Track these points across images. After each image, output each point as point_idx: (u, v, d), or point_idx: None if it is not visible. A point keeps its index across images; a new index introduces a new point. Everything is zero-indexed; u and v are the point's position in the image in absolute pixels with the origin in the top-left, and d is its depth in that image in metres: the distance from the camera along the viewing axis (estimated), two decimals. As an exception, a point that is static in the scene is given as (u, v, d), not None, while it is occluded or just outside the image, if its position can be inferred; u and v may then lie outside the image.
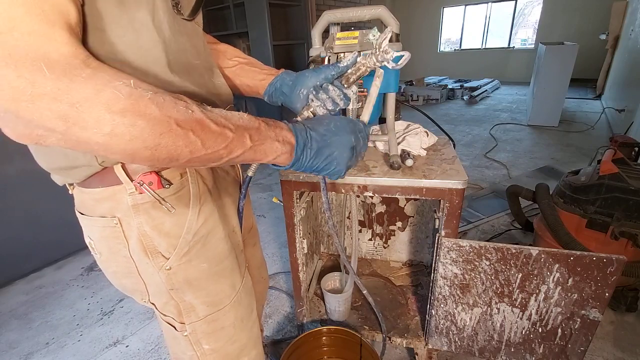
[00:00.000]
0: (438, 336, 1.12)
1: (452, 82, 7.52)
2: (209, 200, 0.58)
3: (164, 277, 0.56)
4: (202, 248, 0.57)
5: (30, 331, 1.62)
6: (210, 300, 0.61)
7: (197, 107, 0.41)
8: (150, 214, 0.52)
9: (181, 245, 0.55)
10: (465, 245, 0.94)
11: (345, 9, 0.97)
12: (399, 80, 1.05)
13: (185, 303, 0.59)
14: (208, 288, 0.60)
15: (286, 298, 1.72)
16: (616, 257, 0.83)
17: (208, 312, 0.61)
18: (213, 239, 0.59)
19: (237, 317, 0.66)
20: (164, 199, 0.52)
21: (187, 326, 0.61)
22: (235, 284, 0.64)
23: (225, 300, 0.62)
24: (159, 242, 0.53)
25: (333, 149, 0.53)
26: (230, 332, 0.65)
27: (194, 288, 0.58)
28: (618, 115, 3.92)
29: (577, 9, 7.16)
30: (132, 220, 0.52)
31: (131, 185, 0.50)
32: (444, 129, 1.28)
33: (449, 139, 1.24)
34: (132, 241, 0.54)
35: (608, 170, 1.39)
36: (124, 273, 0.58)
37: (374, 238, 1.62)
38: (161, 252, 0.54)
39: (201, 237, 0.57)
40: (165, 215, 0.53)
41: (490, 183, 2.83)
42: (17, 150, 1.79)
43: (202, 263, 0.58)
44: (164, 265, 0.55)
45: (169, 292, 0.58)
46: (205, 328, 0.62)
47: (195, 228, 0.56)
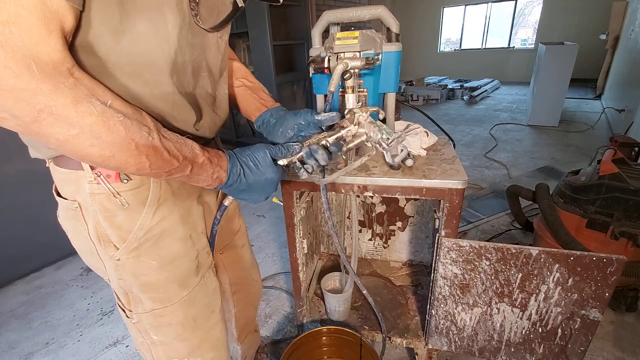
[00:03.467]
0: (438, 336, 1.12)
1: (452, 82, 7.52)
2: (169, 200, 0.59)
3: (113, 266, 0.58)
4: (153, 246, 0.58)
5: (30, 331, 1.62)
6: (157, 297, 0.62)
7: (157, 135, 0.46)
8: (104, 204, 0.53)
9: (131, 240, 0.56)
10: (465, 245, 0.94)
11: (345, 9, 0.97)
12: (398, 80, 1.05)
13: (133, 294, 0.61)
14: (155, 285, 0.61)
15: (286, 298, 1.72)
16: (616, 257, 0.83)
17: (154, 307, 0.62)
18: (168, 239, 0.60)
19: (187, 317, 0.66)
20: (119, 193, 0.53)
21: (134, 315, 0.63)
22: (188, 283, 0.65)
23: (173, 298, 0.63)
24: (111, 232, 0.55)
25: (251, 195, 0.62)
26: (178, 329, 0.66)
27: (141, 283, 0.60)
28: (618, 115, 3.92)
29: (577, 9, 7.16)
30: (89, 207, 0.54)
31: (91, 173, 0.52)
32: (444, 129, 1.28)
33: (449, 139, 1.24)
34: (90, 226, 0.56)
35: (608, 170, 1.39)
36: (86, 252, 0.60)
37: (374, 238, 1.62)
38: (113, 242, 0.56)
39: (154, 235, 0.58)
40: (118, 208, 0.54)
41: (490, 183, 2.83)
42: (17, 151, 1.79)
43: (151, 260, 0.59)
44: (113, 255, 0.57)
45: (118, 282, 0.60)
46: (152, 321, 0.64)
47: (148, 226, 0.57)
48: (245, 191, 0.61)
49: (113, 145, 0.41)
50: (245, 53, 4.10)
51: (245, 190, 0.61)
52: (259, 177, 0.60)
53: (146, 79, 0.49)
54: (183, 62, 0.53)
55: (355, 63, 0.79)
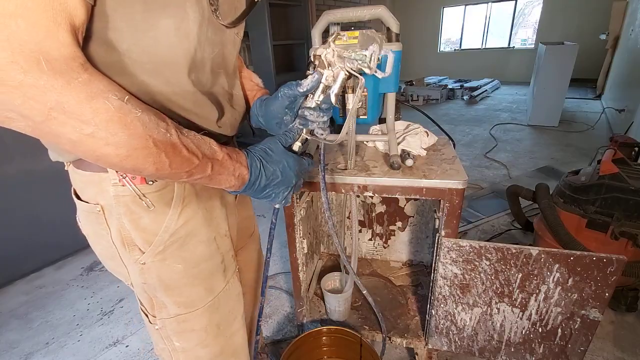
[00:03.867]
0: (438, 336, 1.12)
1: (452, 82, 7.52)
2: (193, 202, 0.58)
3: (138, 270, 0.57)
4: (179, 249, 0.57)
5: (30, 331, 1.62)
6: (181, 301, 0.60)
7: (175, 131, 0.44)
8: (130, 207, 0.52)
9: (156, 243, 0.55)
10: (465, 245, 0.94)
11: (345, 9, 0.97)
12: (398, 80, 1.05)
13: (157, 299, 0.60)
14: (181, 289, 0.59)
15: (286, 298, 1.72)
16: (616, 257, 0.83)
17: (179, 312, 0.61)
18: (192, 241, 0.59)
19: (211, 322, 0.64)
20: (145, 194, 0.52)
21: (158, 320, 0.62)
22: (214, 288, 0.63)
23: (198, 303, 0.62)
24: (136, 235, 0.54)
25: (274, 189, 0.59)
26: (202, 335, 0.64)
27: (166, 287, 0.58)
28: (618, 115, 3.92)
29: (577, 9, 7.16)
30: (113, 210, 0.52)
31: (115, 175, 0.51)
32: (444, 129, 1.28)
33: (449, 139, 1.24)
34: (113, 230, 0.54)
35: (608, 170, 1.39)
36: (107, 256, 0.59)
37: (374, 238, 1.62)
38: (138, 246, 0.55)
39: (179, 237, 0.57)
40: (143, 210, 0.53)
41: (490, 183, 2.83)
42: (17, 151, 1.79)
43: (177, 264, 0.57)
44: (139, 259, 0.55)
45: (143, 286, 0.59)
46: (175, 327, 0.62)
47: (173, 228, 0.55)
48: (267, 187, 0.58)
49: (130, 143, 0.39)
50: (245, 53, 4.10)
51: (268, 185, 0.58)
52: (277, 166, 0.57)
53: (167, 76, 0.48)
54: (202, 59, 0.52)
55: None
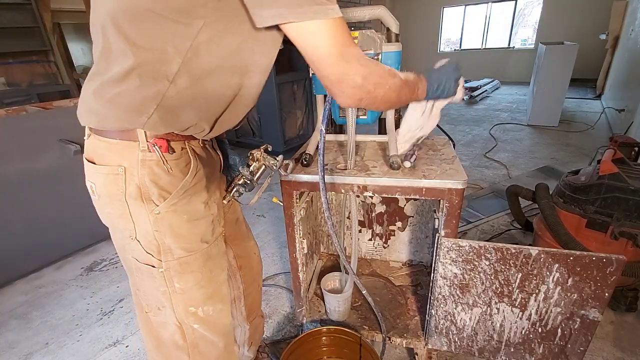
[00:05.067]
0: (438, 336, 1.12)
1: (452, 82, 7.50)
2: (201, 170, 0.73)
3: (152, 219, 0.68)
4: (187, 203, 0.71)
5: (29, 331, 1.62)
6: (184, 246, 0.73)
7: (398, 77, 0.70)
8: (153, 169, 0.65)
9: (173, 197, 0.68)
10: (465, 245, 0.94)
11: (345, 9, 0.97)
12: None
13: (165, 245, 0.71)
14: (185, 235, 0.72)
15: (286, 298, 1.72)
16: (616, 257, 0.83)
17: (181, 255, 0.73)
18: (196, 199, 0.73)
19: (205, 266, 0.78)
20: (167, 160, 0.66)
21: (164, 263, 0.72)
22: (206, 239, 0.77)
23: (196, 248, 0.75)
24: (153, 191, 0.66)
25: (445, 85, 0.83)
26: (198, 277, 0.77)
27: (174, 233, 0.71)
28: (618, 115, 3.92)
29: (577, 9, 7.16)
30: (136, 171, 0.65)
31: (145, 144, 0.64)
32: (444, 129, 1.28)
33: (449, 139, 1.24)
34: (131, 188, 0.65)
35: (608, 170, 1.39)
36: (117, 214, 0.69)
37: (373, 238, 1.62)
38: (153, 200, 0.67)
39: (189, 194, 0.70)
40: (163, 172, 0.66)
41: (490, 183, 2.83)
42: (17, 151, 1.79)
43: (184, 214, 0.71)
44: (154, 210, 0.67)
45: (154, 233, 0.70)
46: (178, 268, 0.74)
47: (187, 186, 0.69)
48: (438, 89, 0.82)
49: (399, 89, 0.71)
50: (245, 53, 4.10)
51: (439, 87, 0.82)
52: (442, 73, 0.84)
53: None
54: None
55: None
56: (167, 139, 0.66)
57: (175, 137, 0.67)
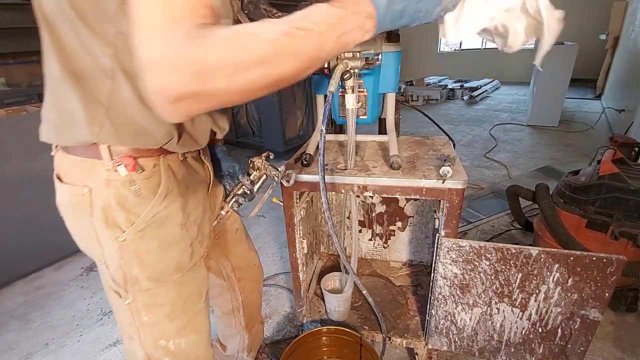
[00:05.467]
0: (438, 336, 1.12)
1: (452, 82, 7.51)
2: (174, 190, 0.66)
3: (117, 247, 0.62)
4: (156, 228, 0.64)
5: (29, 331, 1.62)
6: (153, 276, 0.66)
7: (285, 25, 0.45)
8: (119, 190, 0.59)
9: (139, 222, 0.61)
10: (465, 245, 0.94)
11: (345, 9, 0.97)
12: (398, 81, 1.05)
13: (131, 274, 0.65)
14: (154, 263, 0.66)
15: (286, 298, 1.72)
16: (616, 257, 0.83)
17: (150, 286, 0.66)
18: (169, 222, 0.66)
19: (178, 297, 0.71)
20: (135, 180, 0.59)
21: (130, 294, 0.67)
22: (182, 267, 0.70)
23: (167, 279, 0.68)
24: (119, 215, 0.60)
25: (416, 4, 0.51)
26: (168, 309, 0.70)
27: (141, 261, 0.64)
28: (618, 115, 3.92)
29: (577, 9, 7.14)
30: (102, 192, 0.59)
31: (110, 163, 0.58)
32: (444, 129, 1.28)
33: (449, 139, 1.24)
34: (97, 210, 0.60)
35: (608, 170, 1.39)
36: (84, 236, 0.65)
37: (374, 238, 1.62)
38: (119, 225, 0.61)
39: (159, 218, 0.64)
40: (130, 194, 0.60)
41: (490, 183, 2.83)
42: (17, 151, 1.79)
43: (153, 241, 0.64)
44: (119, 237, 0.61)
45: (119, 261, 0.64)
46: (146, 300, 0.68)
47: (156, 210, 0.63)
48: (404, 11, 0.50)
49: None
50: (245, 53, 4.10)
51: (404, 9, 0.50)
52: None
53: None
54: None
55: (355, 63, 0.79)
56: (134, 156, 0.59)
57: (145, 153, 0.60)
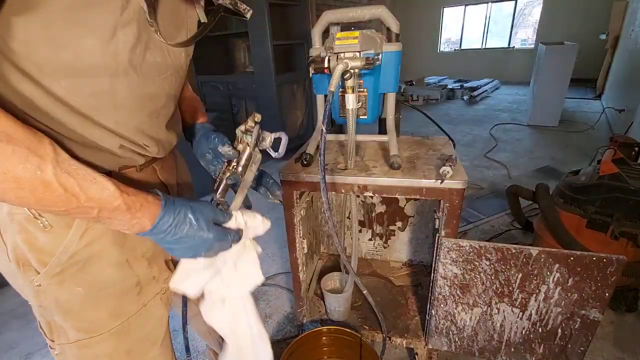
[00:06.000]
0: (438, 336, 1.12)
1: (452, 82, 7.52)
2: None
3: (33, 292, 0.53)
4: (79, 271, 0.53)
5: (30, 331, 1.62)
6: (82, 326, 0.56)
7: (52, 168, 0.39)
8: (23, 225, 0.48)
9: (53, 265, 0.50)
10: (465, 245, 0.94)
11: (345, 9, 0.97)
12: (398, 80, 1.05)
13: (55, 323, 0.56)
14: (81, 313, 0.55)
15: (286, 298, 1.72)
16: (616, 257, 0.83)
17: (79, 338, 0.56)
18: (98, 264, 0.54)
19: (117, 349, 0.60)
20: (41, 214, 0.48)
21: (57, 346, 0.58)
22: (122, 312, 0.58)
23: (100, 328, 0.57)
24: (31, 256, 0.50)
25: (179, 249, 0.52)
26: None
27: (64, 311, 0.54)
28: (618, 115, 3.92)
29: (577, 9, 7.16)
30: (8, 227, 0.49)
31: None
32: (444, 129, 1.28)
33: (449, 139, 1.24)
34: (9, 248, 0.50)
35: (608, 170, 1.39)
36: (8, 274, 0.56)
37: (374, 238, 1.62)
38: (33, 266, 0.51)
39: (81, 259, 0.52)
40: (39, 230, 0.49)
41: (490, 183, 2.83)
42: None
43: (76, 287, 0.53)
44: (33, 280, 0.51)
45: (38, 308, 0.55)
46: (77, 352, 0.58)
47: (73, 250, 0.51)
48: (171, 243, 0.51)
49: None
50: (245, 53, 4.10)
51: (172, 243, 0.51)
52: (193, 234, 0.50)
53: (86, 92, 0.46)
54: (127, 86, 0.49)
55: (355, 63, 0.79)
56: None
57: None
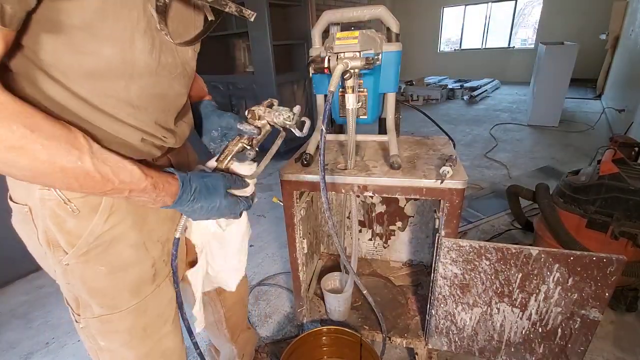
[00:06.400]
0: (438, 336, 1.12)
1: (452, 82, 7.52)
2: (122, 207, 0.59)
3: (61, 270, 0.59)
4: (103, 252, 0.58)
5: (30, 331, 1.62)
6: (105, 302, 0.62)
7: (90, 158, 0.46)
8: (54, 210, 0.53)
9: (80, 246, 0.56)
10: (465, 245, 0.94)
11: (345, 9, 0.97)
12: (398, 80, 1.05)
13: (82, 299, 0.62)
14: (104, 290, 0.61)
15: (286, 298, 1.73)
16: (616, 257, 0.83)
17: (102, 313, 0.62)
18: (119, 245, 0.60)
19: (136, 325, 0.66)
20: (70, 200, 0.53)
21: (82, 320, 0.63)
22: (140, 291, 0.64)
23: (122, 305, 0.63)
24: (60, 237, 0.55)
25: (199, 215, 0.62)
26: (126, 337, 0.66)
27: (89, 288, 0.60)
28: (618, 115, 3.92)
29: (577, 9, 7.16)
30: (39, 212, 0.54)
31: None
32: (444, 129, 1.28)
33: (449, 138, 1.25)
34: (39, 230, 0.56)
35: (608, 170, 1.39)
36: (38, 255, 0.62)
37: (374, 238, 1.62)
38: (62, 247, 0.56)
39: (104, 241, 0.58)
40: (68, 214, 0.54)
41: (490, 183, 2.83)
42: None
43: (100, 266, 0.59)
44: (62, 260, 0.57)
45: (66, 285, 0.61)
46: (99, 326, 0.64)
47: (99, 232, 0.56)
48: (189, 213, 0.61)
49: (33, 168, 0.43)
50: (245, 53, 4.10)
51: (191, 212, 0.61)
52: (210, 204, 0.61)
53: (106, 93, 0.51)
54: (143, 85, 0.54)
55: (355, 63, 0.79)
56: None
57: None
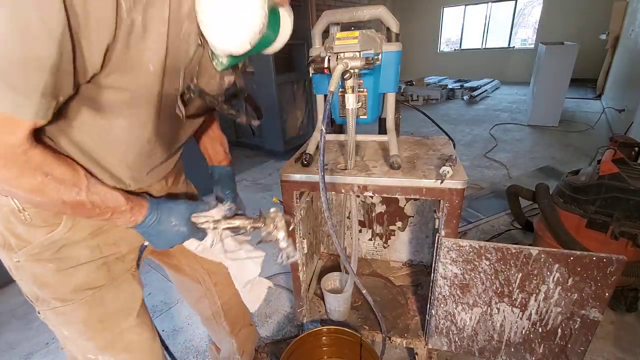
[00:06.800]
0: (438, 336, 1.12)
1: (452, 82, 7.52)
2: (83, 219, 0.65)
3: (14, 268, 0.65)
4: (57, 251, 0.64)
5: (30, 331, 1.62)
6: (56, 296, 0.66)
7: (86, 192, 0.55)
8: (7, 216, 0.59)
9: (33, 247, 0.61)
10: (465, 245, 0.94)
11: (345, 9, 0.97)
12: (398, 80, 1.05)
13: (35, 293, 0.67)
14: (54, 286, 0.66)
15: (286, 298, 1.72)
16: (616, 257, 0.83)
17: (55, 305, 0.67)
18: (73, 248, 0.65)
19: (91, 317, 0.70)
20: (24, 209, 0.59)
21: (40, 313, 0.69)
22: (89, 286, 0.69)
23: (72, 297, 0.67)
24: (11, 240, 0.61)
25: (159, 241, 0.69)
26: (81, 328, 0.70)
27: (40, 283, 0.65)
28: (618, 115, 3.92)
29: (577, 9, 7.16)
30: None
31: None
32: (444, 129, 1.28)
33: (449, 138, 1.24)
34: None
35: (608, 170, 1.39)
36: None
37: (374, 238, 1.62)
38: (12, 247, 0.62)
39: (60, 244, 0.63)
40: (19, 221, 0.59)
41: (490, 183, 2.83)
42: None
43: (49, 263, 0.64)
44: (12, 258, 0.63)
45: (19, 281, 0.67)
46: (55, 318, 0.69)
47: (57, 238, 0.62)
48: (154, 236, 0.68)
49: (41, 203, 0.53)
50: (245, 53, 4.09)
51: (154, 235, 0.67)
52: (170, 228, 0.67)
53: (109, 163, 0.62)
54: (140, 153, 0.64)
55: (355, 63, 0.79)
56: None
57: None
